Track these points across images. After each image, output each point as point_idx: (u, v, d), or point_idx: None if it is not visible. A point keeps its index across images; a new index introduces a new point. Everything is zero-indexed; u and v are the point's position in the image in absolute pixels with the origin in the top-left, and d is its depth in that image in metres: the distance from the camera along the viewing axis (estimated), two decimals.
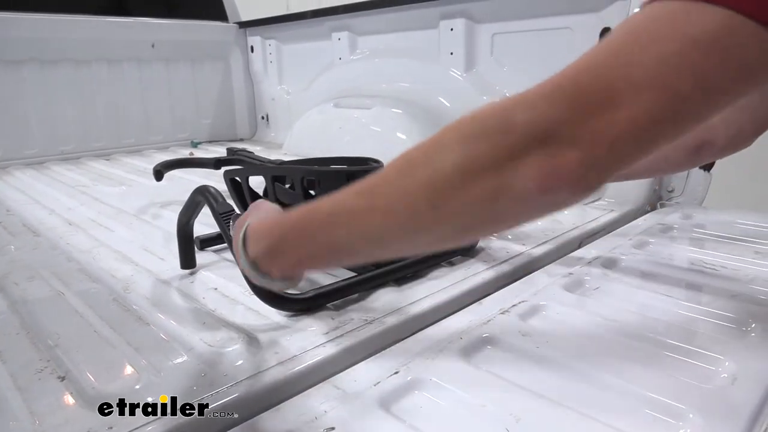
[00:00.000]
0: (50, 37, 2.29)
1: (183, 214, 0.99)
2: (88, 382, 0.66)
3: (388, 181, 0.50)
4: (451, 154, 0.46)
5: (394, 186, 0.49)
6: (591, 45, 0.40)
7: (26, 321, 0.83)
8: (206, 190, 0.91)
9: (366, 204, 0.51)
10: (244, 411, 0.62)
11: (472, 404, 0.60)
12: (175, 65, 2.71)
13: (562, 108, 0.43)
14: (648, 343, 0.72)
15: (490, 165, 0.44)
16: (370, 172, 1.02)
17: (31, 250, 1.18)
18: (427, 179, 0.46)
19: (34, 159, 2.30)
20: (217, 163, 1.69)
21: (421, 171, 0.47)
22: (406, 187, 0.48)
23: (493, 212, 0.46)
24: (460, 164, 0.45)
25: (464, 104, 1.99)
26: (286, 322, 0.81)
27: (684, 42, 0.41)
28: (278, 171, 1.11)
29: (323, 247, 0.55)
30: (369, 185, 0.51)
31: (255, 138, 3.02)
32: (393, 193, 0.49)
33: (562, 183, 0.43)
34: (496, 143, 0.45)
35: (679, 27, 0.41)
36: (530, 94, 0.45)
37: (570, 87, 0.44)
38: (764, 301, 0.83)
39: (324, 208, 0.55)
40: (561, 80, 0.45)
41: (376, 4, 2.20)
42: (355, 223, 0.52)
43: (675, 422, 0.56)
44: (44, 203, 1.59)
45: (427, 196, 0.46)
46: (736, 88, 0.43)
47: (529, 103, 0.45)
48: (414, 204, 0.47)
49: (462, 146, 0.46)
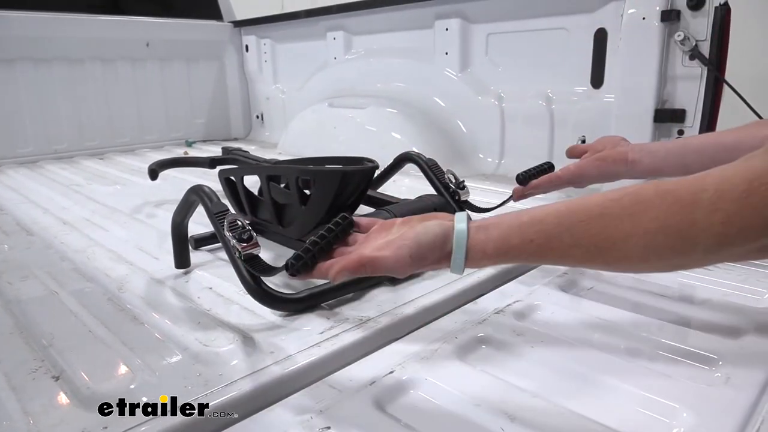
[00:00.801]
0: (44, 36, 2.28)
1: (177, 213, 0.98)
2: (83, 382, 0.65)
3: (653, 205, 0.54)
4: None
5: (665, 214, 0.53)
6: (585, 45, 0.40)
7: (20, 321, 0.83)
8: (200, 189, 0.90)
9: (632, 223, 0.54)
10: (239, 410, 0.62)
11: (467, 404, 0.60)
12: (170, 64, 2.70)
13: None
14: (642, 342, 0.72)
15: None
16: (365, 172, 1.02)
17: (24, 250, 1.18)
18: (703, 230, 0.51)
19: (28, 158, 2.29)
20: (212, 162, 1.68)
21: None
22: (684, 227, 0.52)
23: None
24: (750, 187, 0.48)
25: (459, 104, 2.00)
26: (281, 321, 0.81)
27: None
28: (273, 170, 1.11)
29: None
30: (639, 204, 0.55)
31: (250, 137, 3.02)
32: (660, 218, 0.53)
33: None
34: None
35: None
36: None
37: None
38: (757, 300, 0.84)
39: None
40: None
41: (371, 3, 2.20)
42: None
43: (668, 421, 0.56)
44: (38, 202, 1.59)
45: (705, 247, 0.51)
46: None
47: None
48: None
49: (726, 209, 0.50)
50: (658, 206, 0.53)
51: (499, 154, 1.91)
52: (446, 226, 0.63)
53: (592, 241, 0.56)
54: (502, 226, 0.61)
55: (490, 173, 1.89)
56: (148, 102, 2.65)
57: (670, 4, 1.34)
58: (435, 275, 0.97)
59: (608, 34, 1.59)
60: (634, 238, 0.54)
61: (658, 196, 0.53)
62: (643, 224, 0.53)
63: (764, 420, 0.56)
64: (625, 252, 0.55)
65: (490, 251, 0.61)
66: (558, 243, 0.58)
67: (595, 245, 0.56)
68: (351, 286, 0.89)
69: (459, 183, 1.16)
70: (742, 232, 0.49)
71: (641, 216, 0.53)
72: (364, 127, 2.10)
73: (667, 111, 1.38)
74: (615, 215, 0.55)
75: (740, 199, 0.48)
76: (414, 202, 1.11)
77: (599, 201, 0.57)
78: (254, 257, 0.76)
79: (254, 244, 0.76)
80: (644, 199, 0.54)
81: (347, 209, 1.06)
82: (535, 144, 1.80)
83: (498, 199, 1.18)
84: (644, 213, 0.53)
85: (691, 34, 1.32)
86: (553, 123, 1.75)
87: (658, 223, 0.52)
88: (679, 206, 0.52)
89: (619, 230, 0.54)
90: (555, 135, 1.76)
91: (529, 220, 0.60)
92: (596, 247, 0.56)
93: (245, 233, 0.76)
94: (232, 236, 0.75)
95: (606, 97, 1.61)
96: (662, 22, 1.34)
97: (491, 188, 1.60)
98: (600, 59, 1.63)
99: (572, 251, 0.58)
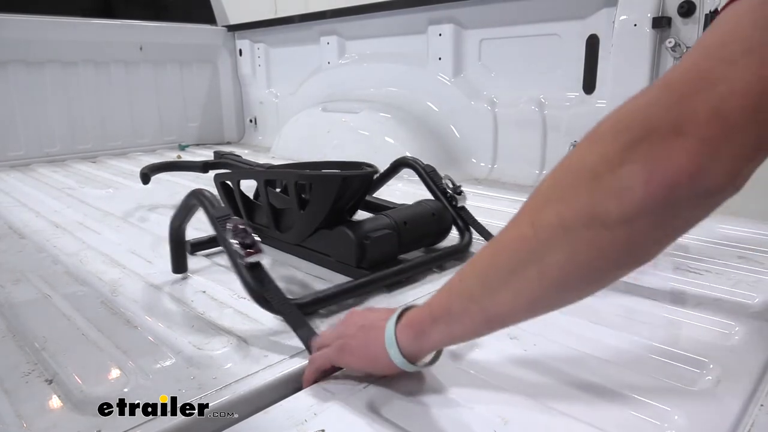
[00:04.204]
0: (36, 39, 2.28)
1: (175, 217, 0.97)
2: (76, 385, 0.65)
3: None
4: (547, 176, 0.48)
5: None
6: (578, 51, 0.40)
7: (12, 324, 0.82)
8: (201, 193, 0.89)
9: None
10: (234, 412, 0.62)
11: (461, 406, 0.61)
12: (163, 68, 2.70)
13: (657, 95, 0.40)
14: (634, 345, 0.73)
15: (583, 175, 0.43)
16: (364, 177, 1.02)
17: (16, 253, 1.17)
18: (525, 209, 0.49)
19: (20, 161, 2.28)
20: (205, 166, 1.68)
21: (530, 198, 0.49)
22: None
23: (598, 233, 0.43)
24: (553, 180, 0.47)
25: (452, 109, 2.01)
26: (275, 325, 0.81)
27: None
28: (271, 175, 1.10)
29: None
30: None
31: (243, 141, 3.01)
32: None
33: (677, 182, 0.38)
34: (585, 151, 0.44)
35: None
36: (620, 104, 0.44)
37: (660, 80, 0.41)
38: (748, 304, 0.85)
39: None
40: (651, 83, 0.42)
41: (364, 8, 2.21)
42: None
43: (660, 424, 0.57)
44: (30, 205, 1.58)
45: (528, 219, 0.48)
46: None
47: (618, 106, 0.43)
48: (519, 225, 0.49)
49: (558, 165, 0.47)
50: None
51: (492, 159, 1.92)
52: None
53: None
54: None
55: (483, 178, 1.90)
56: (141, 105, 2.64)
57: (661, 11, 1.36)
58: (432, 280, 0.98)
59: (600, 41, 1.61)
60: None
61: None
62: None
63: (755, 422, 0.57)
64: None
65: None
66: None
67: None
68: (352, 291, 0.89)
69: (456, 188, 1.17)
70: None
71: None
72: (358, 132, 2.10)
73: None
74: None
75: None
76: (412, 207, 1.11)
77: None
78: (257, 265, 0.76)
79: (257, 249, 0.76)
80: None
81: (346, 214, 1.06)
82: (527, 149, 1.81)
83: (490, 204, 1.18)
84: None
85: (682, 40, 1.33)
86: (546, 128, 1.76)
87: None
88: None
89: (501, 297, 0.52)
90: (547, 140, 1.77)
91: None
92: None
93: (248, 238, 0.75)
94: (235, 241, 0.75)
95: (598, 102, 1.62)
96: (653, 29, 1.36)
97: (484, 192, 1.60)
98: (592, 65, 1.64)
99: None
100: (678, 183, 0.38)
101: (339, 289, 0.88)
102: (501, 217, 1.32)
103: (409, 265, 0.99)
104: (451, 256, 1.06)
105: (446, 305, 0.56)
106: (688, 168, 0.38)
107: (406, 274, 0.98)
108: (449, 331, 0.57)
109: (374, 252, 0.96)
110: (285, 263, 1.08)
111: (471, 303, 0.54)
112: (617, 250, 0.44)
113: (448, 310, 0.56)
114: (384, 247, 0.98)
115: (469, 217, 1.15)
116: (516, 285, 0.49)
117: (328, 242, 1.02)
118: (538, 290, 0.49)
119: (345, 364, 0.66)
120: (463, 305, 0.55)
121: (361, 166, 1.12)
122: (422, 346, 0.60)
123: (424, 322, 0.58)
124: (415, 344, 0.59)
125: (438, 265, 1.04)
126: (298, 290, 0.92)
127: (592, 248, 0.44)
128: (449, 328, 0.56)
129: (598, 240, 0.43)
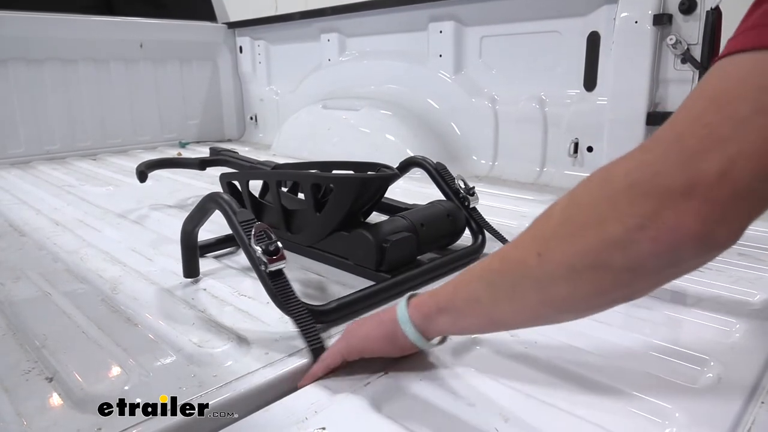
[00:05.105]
0: (36, 36, 2.27)
1: (189, 221, 0.94)
2: (76, 383, 0.65)
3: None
4: (557, 208, 0.50)
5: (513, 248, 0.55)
6: (578, 48, 0.40)
7: (12, 322, 0.82)
8: (220, 197, 0.85)
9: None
10: (235, 411, 0.62)
11: (462, 404, 0.61)
12: (163, 65, 2.70)
13: (667, 150, 0.41)
14: (634, 343, 0.73)
15: (592, 219, 0.45)
16: (384, 179, 1.01)
17: (17, 251, 1.17)
18: (533, 235, 0.52)
19: (20, 158, 2.28)
20: (202, 163, 1.67)
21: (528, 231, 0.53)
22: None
23: (602, 276, 0.46)
24: (563, 215, 0.48)
25: (453, 106, 2.01)
26: (276, 323, 0.80)
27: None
28: (285, 176, 1.07)
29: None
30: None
31: (243, 138, 3.01)
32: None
33: (684, 242, 0.40)
34: (596, 195, 0.45)
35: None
36: (633, 150, 0.44)
37: (670, 130, 0.42)
38: (748, 302, 0.84)
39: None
40: (657, 133, 0.43)
41: (365, 6, 2.20)
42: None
43: (661, 421, 0.57)
44: (30, 203, 1.58)
45: (535, 247, 0.50)
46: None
47: (628, 156, 0.44)
48: (526, 249, 0.52)
49: (568, 200, 0.49)
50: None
51: (493, 156, 1.92)
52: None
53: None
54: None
55: (484, 175, 1.89)
56: (141, 103, 2.64)
57: (662, 8, 1.35)
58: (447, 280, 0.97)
59: (601, 38, 1.60)
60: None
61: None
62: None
63: (755, 420, 0.57)
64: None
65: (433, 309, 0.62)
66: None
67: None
68: (376, 296, 0.88)
69: (469, 189, 1.14)
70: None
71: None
72: (358, 129, 2.10)
73: (659, 114, 1.39)
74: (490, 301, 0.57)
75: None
76: (427, 209, 1.08)
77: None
78: (279, 272, 0.75)
79: (281, 257, 0.74)
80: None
81: (360, 216, 1.05)
82: (528, 146, 1.81)
83: (491, 201, 1.17)
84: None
85: (683, 37, 1.33)
86: (547, 125, 1.76)
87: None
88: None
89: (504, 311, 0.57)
90: (548, 137, 1.77)
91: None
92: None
93: (272, 245, 0.74)
94: (259, 248, 0.74)
95: (599, 99, 1.62)
96: (654, 26, 1.35)
97: (485, 190, 1.60)
98: (593, 62, 1.64)
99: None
100: (684, 243, 0.41)
101: (362, 293, 0.86)
102: (503, 215, 1.33)
103: (430, 266, 0.98)
104: (466, 257, 1.05)
105: (452, 299, 0.60)
106: (696, 230, 0.40)
107: (428, 275, 0.97)
108: (453, 322, 0.61)
109: (394, 255, 0.95)
110: (296, 263, 1.06)
111: (476, 304, 0.58)
112: (618, 289, 0.47)
113: (454, 304, 0.60)
114: (403, 249, 0.97)
115: (481, 218, 1.13)
116: (518, 302, 0.54)
117: (345, 245, 1.00)
118: (538, 310, 0.53)
119: (358, 350, 0.67)
120: (468, 304, 0.59)
121: (378, 167, 1.09)
122: (428, 328, 0.63)
123: (431, 309, 0.62)
124: (423, 324, 0.63)
125: (454, 267, 1.03)
126: (315, 293, 0.91)
127: (593, 286, 0.48)
128: (454, 319, 0.61)
129: (600, 281, 0.47)
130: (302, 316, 0.74)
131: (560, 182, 1.72)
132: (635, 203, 0.42)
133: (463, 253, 1.06)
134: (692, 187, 0.39)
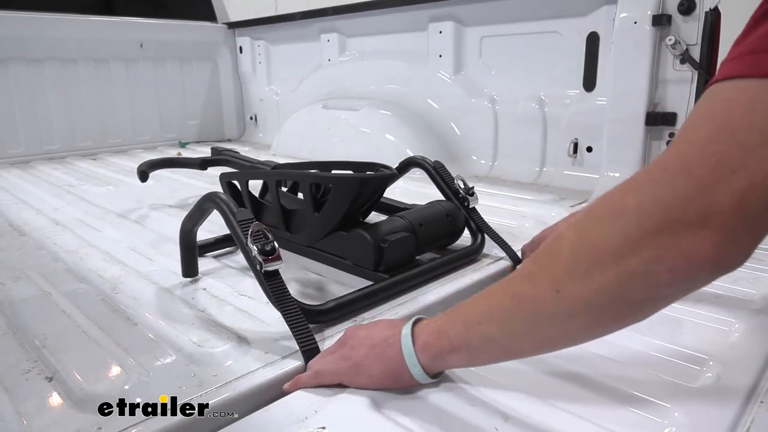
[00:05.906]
0: (36, 36, 2.27)
1: (188, 220, 0.94)
2: (76, 383, 0.65)
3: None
4: (565, 243, 0.50)
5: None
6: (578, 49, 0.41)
7: (12, 321, 0.83)
8: (218, 196, 0.84)
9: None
10: (235, 411, 0.62)
11: (462, 403, 0.61)
12: (163, 65, 2.70)
13: (676, 181, 0.42)
14: (634, 342, 0.73)
15: (608, 256, 0.45)
16: (382, 179, 1.00)
17: (17, 250, 1.17)
18: (544, 271, 0.52)
19: (20, 158, 2.28)
20: (203, 163, 1.67)
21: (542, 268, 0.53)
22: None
23: (621, 308, 0.48)
24: (575, 252, 0.48)
25: (453, 106, 2.01)
26: (275, 323, 0.80)
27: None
28: (285, 176, 1.07)
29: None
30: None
31: (243, 138, 3.01)
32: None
33: (701, 269, 0.42)
34: (608, 230, 0.46)
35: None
36: (637, 178, 0.45)
37: (675, 159, 0.43)
38: (747, 301, 0.85)
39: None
40: (664, 159, 0.44)
41: (365, 6, 2.20)
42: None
43: (661, 421, 0.57)
44: (30, 203, 1.58)
45: (551, 285, 0.50)
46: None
47: (635, 186, 0.45)
48: (540, 285, 0.51)
49: (576, 235, 0.49)
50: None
51: (492, 156, 1.92)
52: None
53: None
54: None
55: (483, 175, 1.89)
56: (141, 103, 2.64)
57: (661, 8, 1.35)
58: (445, 281, 0.97)
59: (600, 38, 1.61)
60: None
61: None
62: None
63: (755, 419, 0.57)
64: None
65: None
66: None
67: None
68: (374, 295, 0.88)
69: (468, 189, 1.14)
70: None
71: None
72: (358, 129, 2.10)
73: (658, 114, 1.39)
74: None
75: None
76: (426, 209, 1.08)
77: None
78: (275, 273, 0.75)
79: (277, 257, 0.74)
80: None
81: (359, 216, 1.05)
82: (527, 146, 1.81)
83: (491, 201, 1.16)
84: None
85: (682, 38, 1.33)
86: (546, 125, 1.76)
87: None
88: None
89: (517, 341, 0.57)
90: (548, 137, 1.77)
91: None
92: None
93: (269, 245, 0.74)
94: (255, 247, 0.74)
95: (598, 100, 1.62)
96: (653, 27, 1.35)
97: (484, 190, 1.60)
98: (592, 63, 1.64)
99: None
100: (700, 269, 0.43)
101: (360, 293, 0.86)
102: (503, 215, 1.33)
103: (429, 266, 0.98)
104: (466, 258, 1.05)
105: (465, 339, 0.59)
106: (711, 257, 0.41)
107: (427, 276, 0.97)
108: (467, 360, 0.62)
109: (392, 255, 0.95)
110: (295, 263, 1.07)
111: (491, 342, 0.58)
112: (636, 316, 0.49)
113: (468, 343, 0.59)
114: (402, 249, 0.97)
115: (480, 219, 1.13)
116: (538, 337, 0.54)
117: (343, 245, 1.00)
118: (555, 342, 0.55)
119: (361, 385, 0.65)
120: (483, 343, 0.58)
121: (376, 167, 1.08)
122: (437, 366, 0.63)
123: (442, 349, 0.61)
124: (431, 365, 0.62)
125: (452, 267, 1.03)
126: (313, 293, 0.91)
127: (612, 318, 0.49)
128: (467, 357, 0.60)
129: (620, 312, 0.48)
130: (294, 317, 0.73)
131: (560, 182, 1.72)
132: (650, 237, 0.43)
133: (462, 253, 1.05)
134: (706, 218, 0.40)
